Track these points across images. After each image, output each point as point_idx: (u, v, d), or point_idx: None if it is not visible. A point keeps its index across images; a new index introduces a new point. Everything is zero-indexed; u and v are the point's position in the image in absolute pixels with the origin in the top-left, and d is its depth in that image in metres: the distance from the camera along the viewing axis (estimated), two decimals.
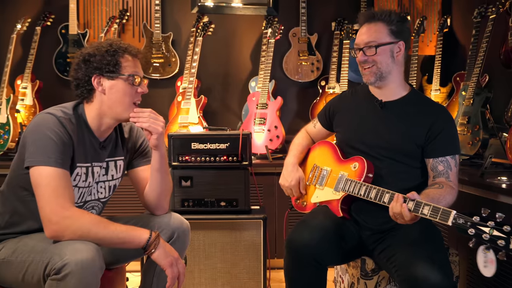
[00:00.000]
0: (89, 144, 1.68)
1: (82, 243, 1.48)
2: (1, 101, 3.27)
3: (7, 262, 1.60)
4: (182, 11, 3.68)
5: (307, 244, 1.71)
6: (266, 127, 3.27)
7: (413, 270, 1.55)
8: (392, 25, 1.77)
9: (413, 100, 1.84)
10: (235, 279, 2.50)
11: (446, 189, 1.68)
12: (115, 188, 1.85)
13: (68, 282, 1.41)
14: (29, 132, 1.59)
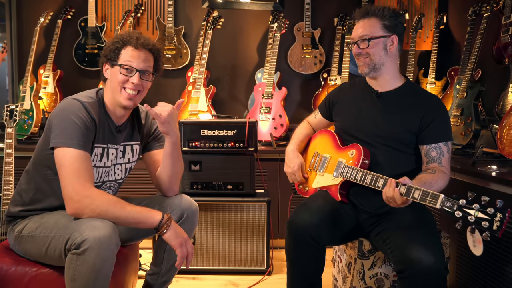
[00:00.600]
0: (107, 127, 1.70)
1: (100, 221, 1.50)
2: (26, 89, 3.27)
3: (31, 236, 1.62)
4: (193, 5, 3.65)
5: (307, 226, 1.72)
6: (271, 115, 3.26)
7: (407, 252, 1.55)
8: (385, 20, 1.76)
9: (407, 91, 1.83)
10: (240, 257, 2.52)
11: (438, 174, 1.68)
12: (130, 170, 1.86)
13: (87, 257, 1.43)
14: (55, 116, 1.60)
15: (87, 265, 1.44)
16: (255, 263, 2.53)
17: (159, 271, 1.89)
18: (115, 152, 1.76)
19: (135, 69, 1.65)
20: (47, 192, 1.69)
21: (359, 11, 1.81)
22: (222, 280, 2.48)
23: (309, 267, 1.79)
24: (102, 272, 1.47)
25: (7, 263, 1.65)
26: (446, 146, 1.75)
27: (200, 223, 2.43)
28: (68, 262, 1.47)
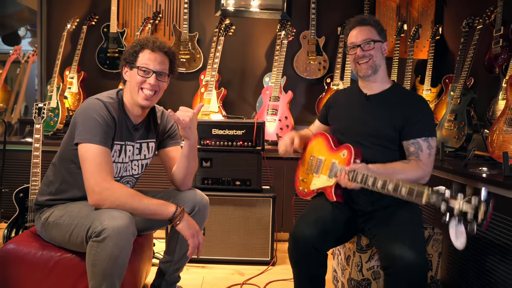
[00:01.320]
0: (125, 125, 1.70)
1: (119, 211, 1.51)
2: (53, 89, 3.29)
3: (56, 224, 1.64)
4: (207, 14, 3.65)
5: (308, 238, 1.70)
6: (278, 117, 3.25)
7: (391, 248, 1.53)
8: (378, 28, 1.79)
9: (394, 92, 1.82)
10: (247, 249, 2.52)
11: (412, 165, 1.67)
12: (146, 166, 1.87)
13: (106, 244, 1.45)
14: (79, 114, 1.62)
15: (105, 252, 1.45)
16: (261, 254, 2.52)
17: (172, 259, 1.90)
18: (132, 149, 1.76)
19: (152, 71, 1.66)
20: (71, 184, 1.71)
21: (356, 19, 1.82)
22: (229, 269, 2.48)
23: (314, 273, 1.78)
24: (120, 259, 1.48)
25: (34, 247, 1.67)
26: (426, 142, 1.70)
27: (209, 216, 2.42)
28: (89, 248, 1.49)
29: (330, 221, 1.76)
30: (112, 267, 1.48)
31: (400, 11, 3.65)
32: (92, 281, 1.51)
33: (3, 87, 3.93)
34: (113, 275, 1.49)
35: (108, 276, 1.48)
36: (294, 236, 1.74)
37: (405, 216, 1.70)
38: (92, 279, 1.51)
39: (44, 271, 1.64)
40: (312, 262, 1.74)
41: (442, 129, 2.67)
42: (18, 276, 1.65)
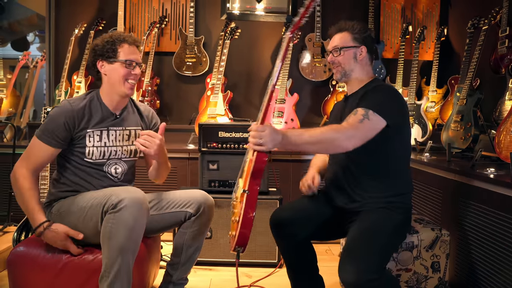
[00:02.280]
0: (103, 114, 1.80)
1: (133, 188, 1.64)
2: (61, 93, 3.32)
3: (68, 212, 1.70)
4: (212, 17, 3.66)
5: (283, 221, 1.79)
6: (284, 119, 3.25)
7: (340, 264, 1.49)
8: (355, 33, 1.79)
9: (366, 86, 1.79)
10: (254, 251, 2.51)
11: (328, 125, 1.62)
12: (135, 153, 1.90)
13: (122, 214, 1.51)
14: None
15: (122, 222, 1.50)
16: (267, 256, 2.51)
17: (179, 261, 1.91)
18: (116, 134, 1.83)
19: (135, 63, 1.78)
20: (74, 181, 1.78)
21: (334, 27, 1.85)
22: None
23: (299, 260, 1.83)
24: (135, 232, 1.53)
25: (44, 250, 1.69)
26: (364, 111, 1.58)
27: (216, 219, 2.42)
28: (105, 222, 1.54)
29: (315, 211, 1.81)
30: (128, 240, 1.51)
31: (405, 13, 3.64)
32: (107, 258, 1.53)
33: (13, 92, 3.96)
34: (128, 250, 1.52)
35: (123, 250, 1.51)
36: (270, 220, 1.83)
37: (377, 223, 1.62)
38: (107, 256, 1.53)
39: (53, 273, 1.64)
40: (289, 246, 1.80)
41: (449, 130, 2.65)
42: (29, 278, 1.66)
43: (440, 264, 1.90)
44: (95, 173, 1.79)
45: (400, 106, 1.71)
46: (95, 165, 1.79)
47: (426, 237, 1.88)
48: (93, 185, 1.78)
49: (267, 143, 1.42)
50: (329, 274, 1.98)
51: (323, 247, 2.88)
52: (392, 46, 3.62)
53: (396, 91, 1.76)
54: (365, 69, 1.81)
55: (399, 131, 1.69)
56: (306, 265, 1.86)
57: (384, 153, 1.70)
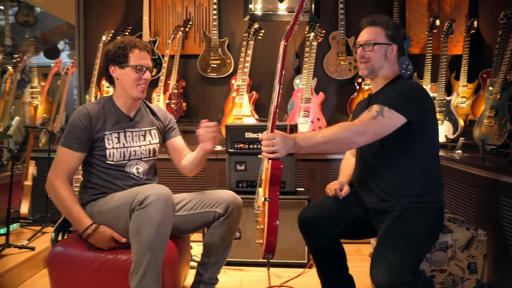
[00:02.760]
0: (118, 117, 1.86)
1: (159, 185, 1.66)
2: (90, 98, 3.39)
3: (100, 212, 1.75)
4: (235, 19, 3.67)
5: (312, 219, 1.77)
6: (310, 119, 3.21)
7: (371, 266, 1.46)
8: (388, 30, 1.75)
9: (390, 83, 1.75)
10: (283, 251, 2.50)
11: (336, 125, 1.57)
12: (154, 152, 1.95)
13: (149, 209, 1.54)
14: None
15: (149, 218, 1.53)
16: (297, 256, 2.49)
17: (209, 261, 1.92)
18: (132, 135, 1.87)
19: (145, 68, 1.83)
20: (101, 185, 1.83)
21: (367, 19, 1.79)
22: (266, 272, 2.46)
23: (328, 259, 1.81)
24: (162, 227, 1.56)
25: (81, 249, 1.74)
26: (379, 108, 1.56)
27: (245, 219, 2.42)
28: (133, 219, 1.57)
29: (338, 208, 1.79)
30: (155, 235, 1.54)
31: (432, 7, 3.54)
32: (136, 253, 1.56)
33: (46, 98, 4.09)
34: (156, 245, 1.55)
35: (151, 245, 1.53)
36: (298, 219, 1.82)
37: (410, 224, 1.57)
38: (136, 251, 1.56)
39: (90, 271, 1.69)
40: (317, 243, 1.78)
41: (482, 126, 2.56)
42: (67, 276, 1.72)
43: (477, 265, 1.83)
44: (118, 174, 1.83)
45: (422, 102, 1.65)
46: (117, 167, 1.83)
47: (461, 237, 1.82)
48: (119, 186, 1.82)
49: (280, 149, 1.46)
50: (359, 275, 1.94)
51: (353, 247, 2.83)
52: (418, 41, 3.53)
53: (419, 87, 1.71)
54: (392, 67, 1.78)
55: (424, 127, 1.64)
56: (335, 264, 1.84)
57: (410, 151, 1.65)
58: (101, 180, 1.82)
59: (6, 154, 3.50)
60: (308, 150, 1.54)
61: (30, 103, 4.13)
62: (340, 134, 1.52)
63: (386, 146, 1.65)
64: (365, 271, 1.48)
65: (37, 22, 5.05)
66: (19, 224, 2.87)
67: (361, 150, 1.81)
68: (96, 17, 3.74)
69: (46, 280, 2.15)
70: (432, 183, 1.69)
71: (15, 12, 4.95)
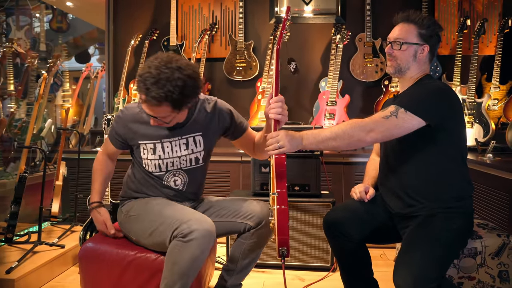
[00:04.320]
0: (155, 128, 1.73)
1: (203, 216, 1.62)
2: (119, 101, 3.49)
3: (138, 218, 1.75)
4: (261, 22, 3.69)
5: (337, 221, 1.75)
6: (335, 121, 3.19)
7: (395, 271, 1.42)
8: (422, 29, 1.65)
9: (417, 83, 1.70)
10: (307, 254, 2.49)
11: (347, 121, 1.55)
12: (197, 160, 1.83)
13: (191, 245, 1.52)
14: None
15: (188, 252, 1.53)
16: (321, 260, 2.48)
17: (234, 268, 1.90)
18: (171, 145, 1.77)
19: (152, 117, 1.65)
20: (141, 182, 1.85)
21: (401, 15, 1.71)
22: (290, 274, 2.46)
23: (353, 262, 1.78)
24: (198, 261, 1.56)
25: (111, 245, 1.78)
26: (395, 109, 1.52)
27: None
28: (172, 247, 1.56)
29: (364, 212, 1.75)
30: (190, 268, 1.55)
31: (462, 6, 3.45)
32: (168, 278, 1.58)
33: (77, 101, 4.23)
34: (188, 276, 1.57)
35: (184, 276, 1.56)
36: (323, 222, 1.80)
37: (436, 229, 1.53)
38: (168, 276, 1.58)
39: (120, 268, 1.73)
40: (342, 246, 1.75)
41: None
42: (97, 272, 1.76)
43: (509, 274, 1.77)
44: (156, 184, 1.82)
45: (447, 104, 1.58)
46: (154, 177, 1.81)
47: (491, 243, 1.76)
48: (158, 195, 1.82)
49: (285, 144, 1.50)
50: (384, 280, 1.91)
51: (377, 251, 2.79)
52: (448, 42, 3.45)
53: (445, 88, 1.63)
54: (422, 68, 1.70)
55: (447, 130, 1.59)
56: (360, 268, 1.81)
57: (434, 154, 1.61)
58: (140, 184, 1.84)
59: (39, 155, 3.65)
60: (317, 145, 1.55)
61: (61, 106, 4.29)
62: (348, 130, 1.51)
63: (410, 150, 1.62)
64: (390, 276, 1.46)
65: (69, 28, 5.24)
66: (50, 223, 2.98)
67: (386, 153, 1.78)
68: (125, 22, 3.85)
69: (75, 277, 2.22)
70: (459, 187, 1.64)
71: (50, 19, 5.16)
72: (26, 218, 2.84)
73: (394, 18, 1.74)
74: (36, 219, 2.56)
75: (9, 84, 3.84)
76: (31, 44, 4.92)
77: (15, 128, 3.59)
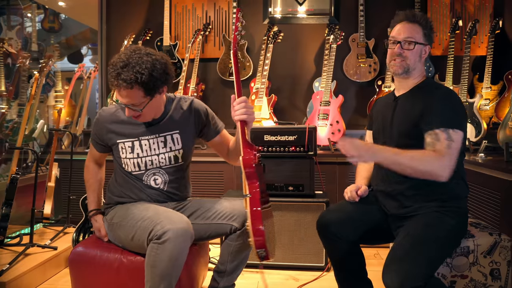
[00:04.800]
0: (134, 124, 1.78)
1: (178, 215, 1.61)
2: (112, 102, 3.46)
3: (120, 225, 1.75)
4: (255, 22, 3.69)
5: (331, 223, 1.75)
6: (329, 121, 3.20)
7: (384, 270, 1.45)
8: (426, 29, 1.69)
9: (419, 87, 1.71)
10: (301, 254, 2.50)
11: (424, 151, 1.54)
12: (176, 159, 1.83)
13: (166, 246, 1.52)
14: None
15: (165, 254, 1.52)
16: (315, 260, 2.48)
17: (225, 270, 1.88)
18: (149, 143, 1.78)
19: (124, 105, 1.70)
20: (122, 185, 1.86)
21: (406, 13, 1.72)
22: (284, 274, 2.47)
23: (347, 263, 1.79)
24: (178, 261, 1.55)
25: (101, 249, 1.78)
26: (445, 133, 1.52)
27: None
28: (149, 250, 1.56)
29: (361, 215, 1.76)
30: (170, 268, 1.54)
31: (454, 7, 3.48)
32: (150, 282, 1.57)
33: (69, 102, 4.20)
34: (171, 276, 1.56)
35: (166, 277, 1.55)
36: (317, 223, 1.80)
37: (427, 228, 1.55)
38: (150, 280, 1.57)
39: (110, 271, 1.73)
40: (337, 248, 1.76)
41: (506, 129, 2.50)
42: (88, 276, 1.76)
43: (501, 272, 1.79)
44: (137, 185, 1.82)
45: (464, 110, 1.65)
46: (134, 177, 1.82)
47: (484, 242, 1.77)
48: (140, 198, 1.82)
49: (360, 156, 1.54)
50: (378, 280, 1.91)
51: (371, 251, 2.80)
52: (440, 43, 3.47)
53: (456, 94, 1.68)
54: (422, 69, 1.74)
55: None
56: (354, 268, 1.82)
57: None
58: (122, 187, 1.85)
59: (31, 156, 3.61)
60: (389, 165, 1.55)
61: (54, 106, 4.26)
62: (423, 167, 1.51)
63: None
64: None
65: (62, 28, 5.21)
66: (42, 224, 2.95)
67: None
68: (118, 22, 3.83)
69: (68, 279, 2.21)
70: (457, 188, 1.66)
71: (41, 19, 5.12)
72: (18, 220, 2.82)
73: (396, 18, 1.74)
74: (28, 221, 2.54)
75: (0, 85, 3.81)
76: (22, 44, 4.88)
77: (6, 129, 3.55)
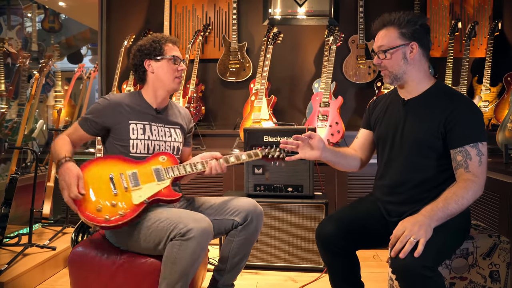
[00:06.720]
0: (145, 110, 1.86)
1: (199, 214, 1.64)
2: None
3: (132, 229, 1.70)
4: (255, 23, 3.69)
5: (330, 236, 1.66)
6: (328, 123, 3.20)
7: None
8: (402, 28, 1.58)
9: (433, 93, 1.63)
10: (300, 256, 2.49)
11: (459, 184, 1.49)
12: (178, 150, 1.93)
13: (190, 243, 1.53)
14: None
15: (188, 251, 1.53)
16: (313, 261, 2.48)
17: (225, 268, 1.90)
18: (158, 129, 1.87)
19: (180, 59, 1.88)
20: None
21: (378, 21, 1.65)
22: (283, 276, 2.46)
23: (343, 271, 1.75)
24: (199, 259, 1.57)
25: (100, 250, 1.76)
26: (475, 148, 1.49)
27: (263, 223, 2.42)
28: (171, 247, 1.57)
29: (361, 220, 1.70)
30: (190, 266, 1.56)
31: (454, 9, 3.48)
32: (168, 278, 1.57)
33: (69, 102, 4.19)
34: (189, 274, 1.58)
35: (185, 275, 1.56)
36: (317, 235, 1.72)
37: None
38: (168, 276, 1.57)
39: (109, 273, 1.71)
40: (339, 260, 1.71)
41: (505, 130, 2.50)
42: (87, 277, 1.74)
43: (500, 274, 1.78)
44: None
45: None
46: (139, 159, 1.80)
47: (483, 244, 1.77)
48: None
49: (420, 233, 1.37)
50: (376, 281, 1.92)
51: (370, 252, 2.80)
52: (440, 45, 3.47)
53: (473, 102, 1.62)
54: (421, 69, 1.63)
55: None
56: (348, 275, 1.78)
57: (446, 164, 1.58)
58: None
59: (30, 156, 3.60)
60: (446, 218, 1.46)
61: (53, 106, 4.25)
62: (470, 196, 1.46)
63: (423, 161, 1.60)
64: (382, 277, 1.47)
65: (62, 28, 5.20)
66: (41, 224, 2.95)
67: (388, 161, 1.72)
68: (118, 22, 3.82)
69: (66, 279, 2.20)
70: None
71: (42, 19, 5.12)
72: (16, 220, 2.81)
73: (373, 28, 1.67)
74: (27, 221, 2.53)
75: (0, 84, 3.80)
76: (22, 44, 4.87)
77: (6, 129, 3.54)
